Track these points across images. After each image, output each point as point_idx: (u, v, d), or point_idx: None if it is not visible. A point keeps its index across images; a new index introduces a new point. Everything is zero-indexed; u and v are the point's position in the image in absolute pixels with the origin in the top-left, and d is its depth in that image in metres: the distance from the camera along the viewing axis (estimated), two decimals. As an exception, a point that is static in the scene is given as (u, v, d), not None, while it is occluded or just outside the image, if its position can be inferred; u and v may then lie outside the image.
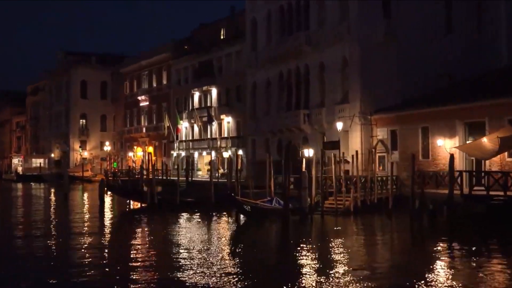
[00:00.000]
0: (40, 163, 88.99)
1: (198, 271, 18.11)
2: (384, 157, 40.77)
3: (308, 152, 31.86)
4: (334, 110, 44.63)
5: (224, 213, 35.83)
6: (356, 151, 37.99)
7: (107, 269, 19.11)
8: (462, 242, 24.18)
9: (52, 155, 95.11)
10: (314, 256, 21.56)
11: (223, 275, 17.55)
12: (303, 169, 32.09)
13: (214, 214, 35.66)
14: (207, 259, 20.25)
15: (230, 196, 31.11)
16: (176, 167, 67.24)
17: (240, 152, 61.92)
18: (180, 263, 19.60)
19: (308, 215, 31.32)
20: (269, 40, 53.80)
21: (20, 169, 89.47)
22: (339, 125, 42.04)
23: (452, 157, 29.83)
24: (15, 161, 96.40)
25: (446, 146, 35.63)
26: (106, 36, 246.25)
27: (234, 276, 17.54)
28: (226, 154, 63.19)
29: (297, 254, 21.79)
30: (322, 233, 28.63)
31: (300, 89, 49.69)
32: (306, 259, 20.94)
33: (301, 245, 23.64)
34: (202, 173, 68.47)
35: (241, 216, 32.54)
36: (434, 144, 36.75)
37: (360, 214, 33.90)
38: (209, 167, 70.39)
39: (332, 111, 44.97)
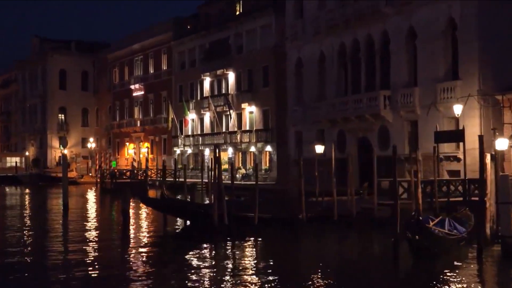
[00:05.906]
0: (16, 162, 73.42)
1: None
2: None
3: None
4: (435, 89, 31.25)
5: (320, 236, 22.67)
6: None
7: None
8: None
9: (27, 153, 79.86)
10: None
11: None
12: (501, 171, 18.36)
13: (310, 238, 22.29)
14: None
15: (420, 223, 16.67)
16: (180, 166, 53.51)
17: (269, 147, 48.66)
18: None
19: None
20: (322, 3, 40.00)
21: (-8, 169, 73.53)
22: (457, 109, 28.48)
23: None
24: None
25: None
26: (87, 23, 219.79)
27: None
28: (253, 149, 49.57)
29: None
30: None
31: (373, 64, 36.09)
32: None
33: None
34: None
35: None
36: None
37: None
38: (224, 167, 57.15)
39: (430, 91, 31.60)
